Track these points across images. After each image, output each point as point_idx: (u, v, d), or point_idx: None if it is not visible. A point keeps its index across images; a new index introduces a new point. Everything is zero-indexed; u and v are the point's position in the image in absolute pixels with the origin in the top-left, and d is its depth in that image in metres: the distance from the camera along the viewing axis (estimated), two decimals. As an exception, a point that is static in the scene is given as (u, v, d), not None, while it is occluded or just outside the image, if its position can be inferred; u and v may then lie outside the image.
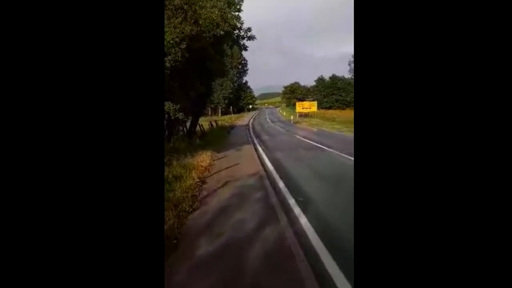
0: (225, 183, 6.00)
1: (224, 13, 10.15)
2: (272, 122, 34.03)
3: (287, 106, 68.26)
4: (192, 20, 8.13)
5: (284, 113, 50.23)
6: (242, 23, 15.78)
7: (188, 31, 7.64)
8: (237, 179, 6.38)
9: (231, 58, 52.57)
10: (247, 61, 67.37)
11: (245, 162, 8.45)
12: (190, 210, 4.45)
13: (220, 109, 60.63)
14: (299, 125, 26.05)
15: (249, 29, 16.50)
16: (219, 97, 58.54)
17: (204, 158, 8.66)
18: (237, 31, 16.44)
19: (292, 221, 4.08)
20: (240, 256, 3.05)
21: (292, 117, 35.01)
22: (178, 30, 7.34)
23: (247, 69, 69.31)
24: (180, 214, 4.17)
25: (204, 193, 5.47)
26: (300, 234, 3.67)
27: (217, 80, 24.60)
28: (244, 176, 6.64)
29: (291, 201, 4.99)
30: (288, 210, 4.51)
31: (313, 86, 63.95)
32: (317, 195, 5.35)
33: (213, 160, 8.94)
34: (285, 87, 72.96)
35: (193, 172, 6.37)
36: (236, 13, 15.33)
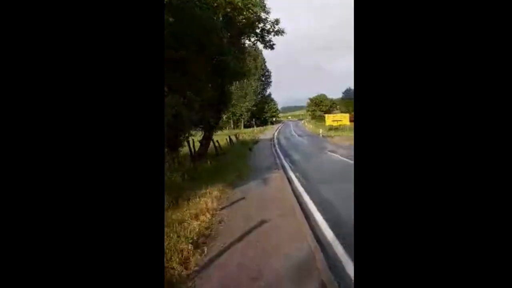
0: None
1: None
2: (299, 136, 30.31)
3: (312, 118, 64.25)
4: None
5: (311, 126, 46.44)
6: (268, 12, 12.43)
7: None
8: None
9: (255, 69, 49.70)
10: (271, 72, 64.73)
11: (277, 214, 4.73)
12: None
13: (243, 122, 57.79)
14: (332, 140, 21.87)
15: (277, 21, 13.06)
16: (242, 109, 55.83)
17: (205, 205, 5.04)
18: (261, 24, 13.14)
19: None
20: None
21: (321, 131, 30.95)
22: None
23: (271, 81, 66.57)
24: None
25: None
26: None
27: (236, 84, 21.15)
28: (277, 272, 2.96)
29: None
30: None
31: (339, 99, 60.10)
32: None
33: (221, 209, 5.27)
34: (311, 99, 69.09)
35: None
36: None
